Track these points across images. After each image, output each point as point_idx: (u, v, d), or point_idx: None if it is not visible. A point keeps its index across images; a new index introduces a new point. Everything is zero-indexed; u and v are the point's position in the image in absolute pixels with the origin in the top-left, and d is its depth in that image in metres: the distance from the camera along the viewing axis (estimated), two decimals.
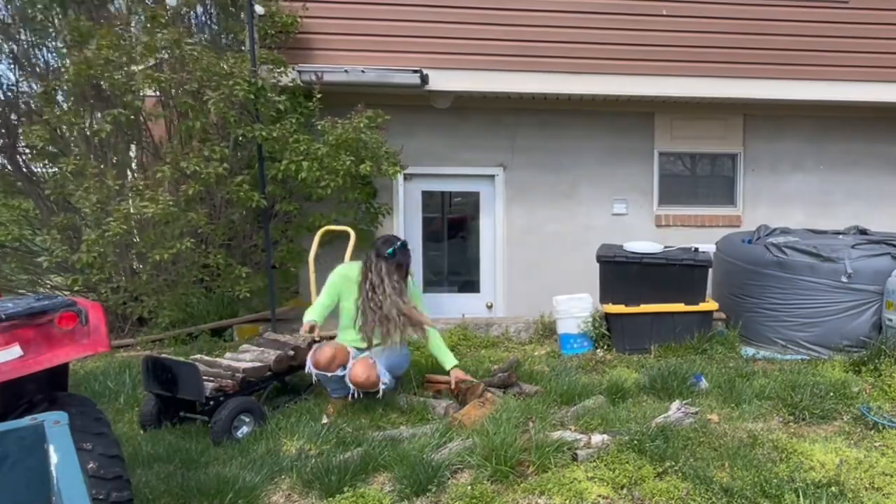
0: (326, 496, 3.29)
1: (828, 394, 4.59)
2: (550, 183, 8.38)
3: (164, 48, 6.35)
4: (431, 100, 7.82)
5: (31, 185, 7.02)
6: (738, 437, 3.98)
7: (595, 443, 3.78)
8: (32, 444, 1.63)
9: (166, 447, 3.87)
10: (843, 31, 8.11)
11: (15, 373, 2.33)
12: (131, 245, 6.51)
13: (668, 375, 4.99)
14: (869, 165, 8.85)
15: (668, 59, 7.84)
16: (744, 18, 7.94)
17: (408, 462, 3.46)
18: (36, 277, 7.00)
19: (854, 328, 5.89)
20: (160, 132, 7.15)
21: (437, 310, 8.40)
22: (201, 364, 4.45)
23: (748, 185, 8.79)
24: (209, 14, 7.72)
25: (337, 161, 6.64)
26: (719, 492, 3.27)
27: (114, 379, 5.14)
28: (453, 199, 8.78)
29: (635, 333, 6.13)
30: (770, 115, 8.67)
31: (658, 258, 6.21)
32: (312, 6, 7.37)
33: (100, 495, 2.45)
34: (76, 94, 6.50)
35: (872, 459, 3.69)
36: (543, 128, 8.35)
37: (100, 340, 2.60)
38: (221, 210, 7.02)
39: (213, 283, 6.93)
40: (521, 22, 7.65)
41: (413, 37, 7.50)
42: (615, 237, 7.26)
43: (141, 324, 6.99)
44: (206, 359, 4.71)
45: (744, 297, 6.38)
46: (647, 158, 8.60)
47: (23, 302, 2.55)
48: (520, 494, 3.30)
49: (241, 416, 4.12)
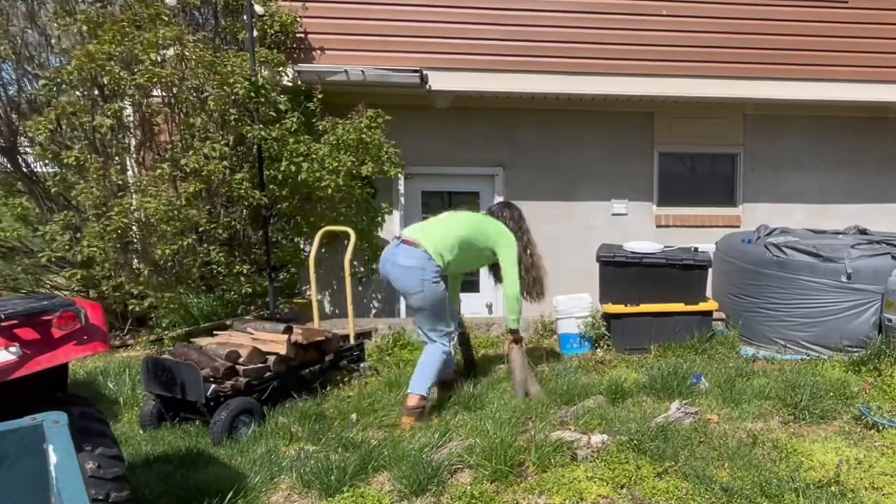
0: (326, 496, 3.29)
1: (828, 394, 4.59)
2: (550, 183, 8.38)
3: (166, 46, 6.36)
4: (431, 100, 7.82)
5: (32, 185, 7.03)
6: (738, 436, 3.97)
7: (595, 443, 3.77)
8: (32, 444, 1.63)
9: (166, 447, 3.87)
10: (843, 31, 8.11)
11: (14, 373, 2.33)
12: (132, 242, 6.51)
13: (668, 375, 4.99)
14: (869, 165, 8.86)
15: (667, 59, 7.84)
16: (743, 18, 7.95)
17: (407, 462, 3.45)
18: (36, 277, 7.00)
19: (854, 328, 5.88)
20: (161, 129, 7.15)
21: None
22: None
23: (748, 185, 8.79)
24: (209, 13, 7.72)
25: (338, 161, 6.64)
26: (719, 492, 3.27)
27: (113, 379, 5.14)
28: (453, 199, 8.78)
29: (635, 333, 6.13)
30: (770, 115, 8.67)
31: (658, 258, 6.21)
32: (312, 6, 7.38)
33: (100, 495, 2.45)
34: (79, 89, 6.50)
35: (872, 459, 3.69)
36: (543, 128, 8.34)
37: (99, 340, 2.60)
38: (222, 209, 7.03)
39: (213, 281, 6.93)
40: (521, 22, 7.65)
41: (413, 37, 7.51)
42: (615, 237, 7.26)
43: (140, 324, 6.99)
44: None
45: (744, 297, 6.38)
46: (647, 158, 8.60)
47: (22, 302, 2.55)
48: (520, 494, 3.29)
49: (242, 416, 4.13)
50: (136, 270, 6.58)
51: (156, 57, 6.36)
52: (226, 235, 6.88)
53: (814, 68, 8.06)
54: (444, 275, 4.34)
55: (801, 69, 8.04)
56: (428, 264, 4.21)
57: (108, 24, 6.32)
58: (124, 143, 6.78)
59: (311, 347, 4.87)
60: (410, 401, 4.22)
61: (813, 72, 8.06)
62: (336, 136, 6.71)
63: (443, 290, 4.31)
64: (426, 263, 4.21)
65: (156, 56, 6.36)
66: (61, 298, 2.66)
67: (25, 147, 7.10)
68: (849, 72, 8.10)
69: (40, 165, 7.14)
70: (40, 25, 7.30)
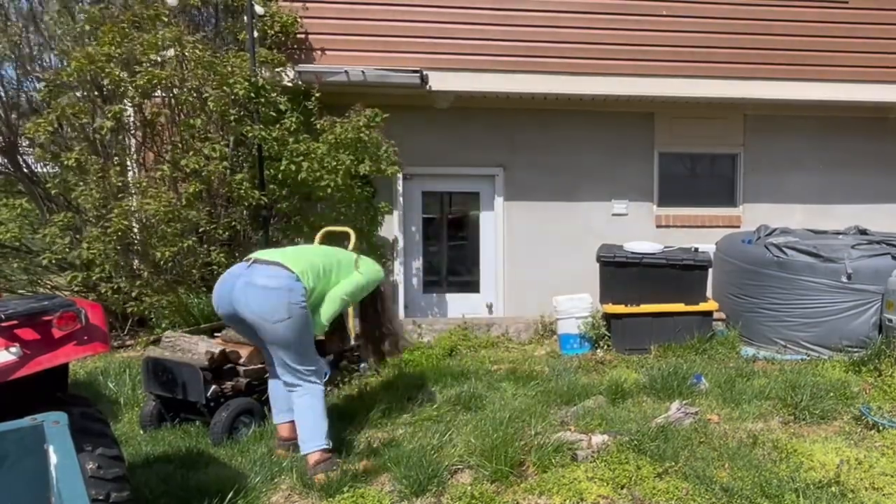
0: (326, 496, 3.29)
1: (828, 394, 4.59)
2: (550, 183, 8.37)
3: (166, 46, 6.36)
4: (431, 100, 7.81)
5: (32, 186, 7.03)
6: (738, 437, 3.97)
7: (595, 443, 3.78)
8: (32, 444, 1.63)
9: (166, 447, 3.87)
10: (843, 31, 8.11)
11: (15, 373, 2.33)
12: (132, 243, 6.51)
13: (668, 375, 4.99)
14: (869, 165, 8.85)
15: (668, 60, 7.84)
16: (743, 18, 7.95)
17: (408, 462, 3.45)
18: (36, 277, 7.01)
19: (854, 328, 5.89)
20: (162, 130, 7.16)
21: (438, 310, 8.42)
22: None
23: (748, 185, 8.79)
24: (209, 13, 7.72)
25: (336, 160, 6.64)
26: (719, 492, 3.27)
27: (114, 379, 5.14)
28: (453, 199, 8.78)
29: (635, 333, 6.13)
30: (770, 115, 8.67)
31: (658, 258, 6.21)
32: (312, 6, 7.37)
33: (100, 495, 2.45)
34: (80, 90, 6.51)
35: (872, 459, 3.69)
36: (543, 128, 8.34)
37: (99, 341, 2.60)
38: (222, 209, 7.02)
39: (213, 282, 6.91)
40: (521, 22, 7.65)
41: (413, 37, 7.50)
42: (615, 237, 7.25)
43: (141, 324, 6.98)
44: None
45: (744, 297, 6.38)
46: (647, 158, 8.60)
47: (23, 302, 2.55)
48: (520, 494, 3.30)
49: (242, 416, 4.13)
50: (136, 272, 6.58)
51: (156, 58, 6.37)
52: (226, 236, 6.87)
53: (814, 68, 8.06)
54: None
55: (800, 69, 8.04)
56: (295, 285, 3.49)
57: (107, 25, 6.32)
58: (125, 144, 6.78)
59: None
60: (312, 458, 3.51)
61: (813, 72, 8.05)
62: (335, 134, 6.71)
63: (308, 315, 3.55)
64: (293, 284, 3.49)
65: (156, 57, 6.36)
66: (62, 299, 2.66)
67: (26, 148, 7.10)
68: (849, 72, 8.10)
69: (40, 166, 7.14)
70: (42, 25, 7.30)
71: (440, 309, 8.43)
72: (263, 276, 3.51)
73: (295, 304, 3.45)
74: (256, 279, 3.51)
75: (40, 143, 6.35)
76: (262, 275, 3.53)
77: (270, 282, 3.48)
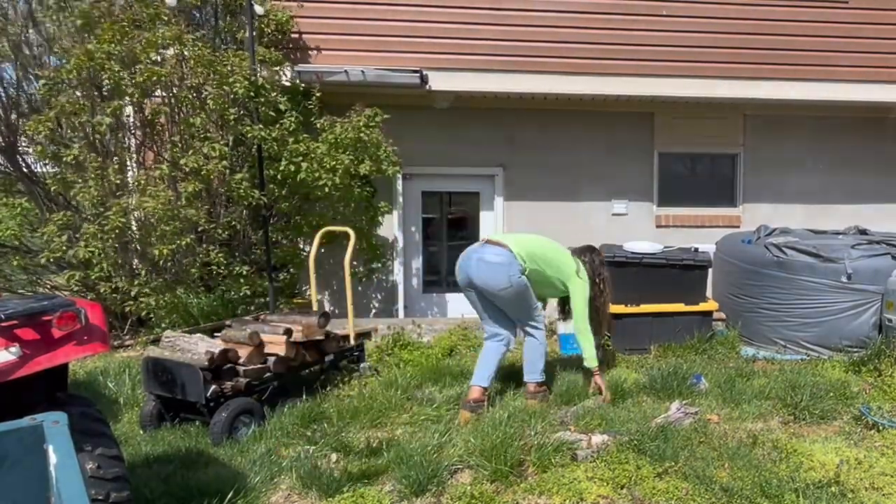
0: (326, 496, 3.28)
1: (828, 394, 4.59)
2: (550, 183, 8.38)
3: (165, 45, 6.35)
4: (431, 100, 7.82)
5: (32, 185, 7.02)
6: (738, 437, 3.97)
7: (595, 443, 3.78)
8: (32, 444, 1.63)
9: (166, 447, 3.87)
10: (843, 31, 8.11)
11: (14, 373, 2.32)
12: (130, 241, 6.51)
13: (668, 375, 4.98)
14: (869, 165, 8.85)
15: (667, 60, 7.84)
16: (743, 19, 7.95)
17: (408, 462, 3.45)
18: (35, 277, 7.00)
19: (854, 328, 5.88)
20: (161, 129, 7.16)
21: (438, 310, 8.42)
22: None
23: (748, 185, 8.79)
24: (208, 13, 7.72)
25: (335, 160, 6.64)
26: (719, 492, 3.27)
27: (113, 379, 5.13)
28: (453, 199, 8.78)
29: (635, 333, 6.13)
30: (770, 115, 8.67)
31: (658, 258, 6.21)
32: (311, 6, 7.37)
33: (99, 495, 2.44)
34: (79, 89, 6.50)
35: (872, 459, 3.69)
36: (543, 128, 8.34)
37: (99, 341, 2.59)
38: (221, 209, 7.02)
39: (213, 282, 6.92)
40: (521, 22, 7.65)
41: (413, 37, 7.51)
42: (615, 237, 7.25)
43: (140, 324, 6.98)
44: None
45: (744, 297, 6.38)
46: (646, 158, 8.60)
47: (22, 302, 2.54)
48: (520, 494, 3.30)
49: (242, 416, 4.12)
50: (135, 271, 6.58)
51: (155, 56, 6.36)
52: (225, 235, 6.87)
53: (813, 68, 8.06)
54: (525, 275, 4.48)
55: (800, 69, 8.04)
56: (513, 261, 4.39)
57: (107, 23, 6.32)
58: (124, 142, 6.78)
59: (310, 347, 4.87)
60: (530, 387, 4.60)
61: (813, 72, 8.05)
62: (334, 134, 6.71)
63: (527, 283, 4.46)
64: (511, 260, 4.39)
65: (155, 56, 6.36)
66: (61, 298, 2.65)
67: (25, 147, 7.09)
68: (848, 72, 8.10)
69: (40, 165, 7.14)
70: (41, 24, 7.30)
71: (440, 309, 8.44)
72: (491, 254, 4.44)
73: (513, 275, 4.37)
74: (486, 256, 4.44)
75: (40, 141, 6.34)
76: (490, 252, 4.46)
77: (496, 258, 4.41)
